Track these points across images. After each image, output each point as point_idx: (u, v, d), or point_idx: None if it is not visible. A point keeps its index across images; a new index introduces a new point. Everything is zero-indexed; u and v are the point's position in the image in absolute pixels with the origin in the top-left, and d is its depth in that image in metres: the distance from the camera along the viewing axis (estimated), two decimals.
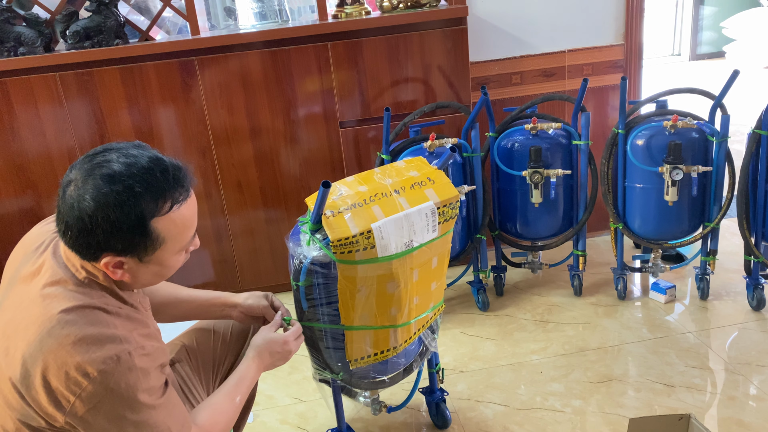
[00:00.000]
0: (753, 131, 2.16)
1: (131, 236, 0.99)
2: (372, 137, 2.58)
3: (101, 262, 1.01)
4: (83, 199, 0.96)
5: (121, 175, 0.97)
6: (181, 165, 1.05)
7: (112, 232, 0.97)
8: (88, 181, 0.97)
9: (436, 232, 1.42)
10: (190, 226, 1.08)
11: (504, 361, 2.13)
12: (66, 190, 0.99)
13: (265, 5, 2.91)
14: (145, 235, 1.00)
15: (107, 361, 0.95)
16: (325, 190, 1.28)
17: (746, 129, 2.24)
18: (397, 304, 1.43)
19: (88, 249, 1.00)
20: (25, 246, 1.15)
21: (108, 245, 0.99)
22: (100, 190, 0.96)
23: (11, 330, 1.01)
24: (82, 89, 2.39)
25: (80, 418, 0.97)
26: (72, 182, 0.99)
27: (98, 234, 0.97)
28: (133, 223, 0.98)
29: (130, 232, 0.98)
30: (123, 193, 0.96)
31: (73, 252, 1.02)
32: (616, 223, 2.38)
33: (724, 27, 6.98)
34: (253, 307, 1.46)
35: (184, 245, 1.08)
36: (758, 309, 2.29)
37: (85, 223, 0.97)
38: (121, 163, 0.98)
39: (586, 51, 2.76)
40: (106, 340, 0.97)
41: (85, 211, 0.96)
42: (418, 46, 2.48)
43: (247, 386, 1.28)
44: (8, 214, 2.51)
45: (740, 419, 1.75)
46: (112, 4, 2.42)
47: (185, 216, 1.05)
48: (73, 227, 0.98)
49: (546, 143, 2.30)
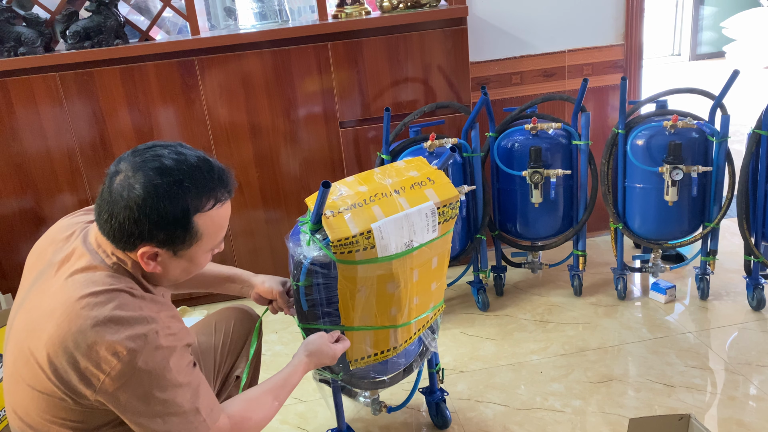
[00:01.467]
0: (753, 131, 2.16)
1: (174, 228, 1.03)
2: (372, 137, 2.58)
3: (138, 251, 1.04)
4: (133, 189, 1.01)
5: (171, 169, 1.03)
6: (225, 168, 1.12)
7: (157, 222, 1.02)
8: (139, 173, 1.02)
9: (436, 232, 1.42)
10: (225, 226, 1.13)
11: (504, 361, 2.13)
12: (114, 179, 1.03)
13: (265, 5, 2.91)
14: (187, 229, 1.04)
15: (135, 339, 0.98)
16: (325, 190, 1.28)
17: (746, 129, 2.24)
18: (397, 304, 1.43)
19: (130, 237, 1.03)
20: (52, 237, 1.18)
21: (150, 235, 1.03)
22: (151, 181, 1.01)
23: (39, 313, 1.04)
24: (82, 89, 2.39)
25: (110, 395, 0.99)
26: (121, 173, 1.03)
27: (144, 223, 1.01)
28: (178, 215, 1.02)
29: (173, 225, 1.03)
30: (174, 185, 1.02)
31: (110, 240, 1.06)
32: (616, 223, 2.38)
33: (724, 27, 6.98)
34: (270, 290, 1.50)
35: (215, 244, 1.13)
36: (758, 309, 2.29)
37: (132, 212, 1.01)
38: (172, 159, 1.04)
39: (586, 51, 2.76)
40: (133, 321, 1.00)
41: (135, 200, 1.00)
42: (418, 46, 2.48)
43: (291, 387, 1.29)
44: (8, 214, 2.51)
45: (740, 419, 1.75)
46: (112, 4, 2.42)
47: (223, 216, 1.11)
48: (119, 215, 1.02)
49: (546, 143, 2.30)
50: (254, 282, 1.51)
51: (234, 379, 1.54)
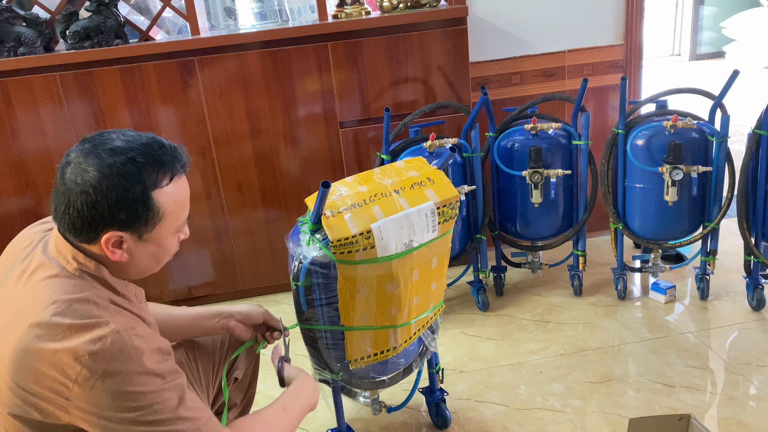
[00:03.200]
0: (753, 131, 2.16)
1: (134, 207, 1.01)
2: (372, 137, 2.58)
3: (102, 238, 1.01)
4: (87, 172, 0.99)
5: (123, 148, 1.01)
6: (177, 145, 1.09)
7: (117, 201, 0.99)
8: (90, 157, 1.00)
9: (435, 232, 1.42)
10: (186, 205, 1.10)
11: (504, 361, 2.13)
12: (65, 170, 1.01)
13: (265, 5, 2.91)
14: (147, 206, 1.02)
15: (96, 342, 0.95)
16: (325, 190, 1.28)
17: (746, 129, 2.24)
18: (397, 304, 1.43)
19: (91, 225, 1.01)
20: (13, 249, 1.15)
21: (111, 217, 1.00)
22: (104, 161, 0.99)
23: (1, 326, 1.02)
24: (82, 89, 2.39)
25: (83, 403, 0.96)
26: (71, 162, 1.01)
27: (103, 205, 0.99)
28: (137, 192, 1.00)
29: (133, 202, 1.00)
30: (127, 163, 1.00)
31: (71, 234, 1.03)
32: (616, 223, 2.38)
33: (724, 27, 6.98)
34: (252, 313, 1.46)
35: (179, 225, 1.10)
36: (758, 309, 2.29)
37: (89, 195, 0.99)
38: (121, 140, 1.02)
39: (586, 51, 2.76)
40: (94, 326, 0.97)
41: (90, 183, 0.99)
42: (418, 46, 2.48)
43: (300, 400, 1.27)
44: (8, 214, 2.51)
45: (740, 419, 1.75)
46: (112, 4, 2.42)
47: (181, 192, 1.08)
48: (76, 202, 0.99)
49: (546, 143, 2.30)
50: (231, 310, 1.44)
51: (233, 380, 1.53)
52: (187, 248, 2.63)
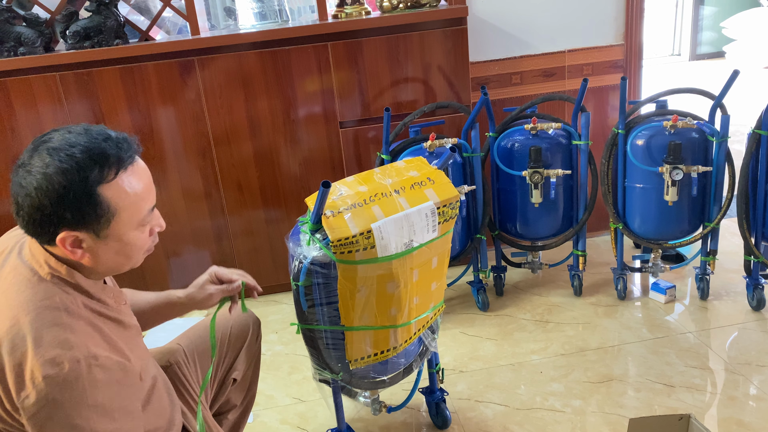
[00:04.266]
0: (753, 131, 2.16)
1: (78, 204, 0.97)
2: (372, 137, 2.58)
3: (58, 238, 0.98)
4: (29, 174, 0.96)
5: (62, 146, 0.97)
6: (126, 135, 1.04)
7: (58, 201, 0.96)
8: (34, 158, 0.97)
9: (436, 232, 1.42)
10: (144, 197, 1.04)
11: (504, 361, 2.13)
12: (16, 173, 0.99)
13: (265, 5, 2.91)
14: (94, 203, 0.97)
15: (54, 365, 0.93)
16: (325, 190, 1.28)
17: (746, 129, 2.24)
18: (397, 304, 1.43)
19: (42, 226, 0.98)
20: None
21: (59, 218, 0.97)
22: (44, 161, 0.96)
23: None
24: (82, 89, 2.39)
25: (32, 420, 0.93)
26: (19, 166, 0.99)
27: (46, 206, 0.96)
28: (78, 189, 0.96)
29: (76, 200, 0.96)
30: (65, 160, 0.96)
31: (33, 237, 1.01)
32: (616, 223, 2.39)
33: (724, 27, 6.98)
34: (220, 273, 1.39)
35: (140, 218, 1.05)
36: (758, 309, 2.29)
37: (33, 198, 0.96)
38: (63, 137, 0.99)
39: (586, 51, 2.76)
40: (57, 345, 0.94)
41: (32, 184, 0.96)
42: (418, 46, 2.48)
43: None
44: (8, 214, 2.51)
45: (740, 419, 1.75)
46: (112, 4, 2.42)
47: (135, 184, 1.02)
48: (23, 205, 0.97)
49: (546, 143, 2.30)
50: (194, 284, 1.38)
51: (231, 381, 1.52)
52: (187, 248, 2.63)
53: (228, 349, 1.50)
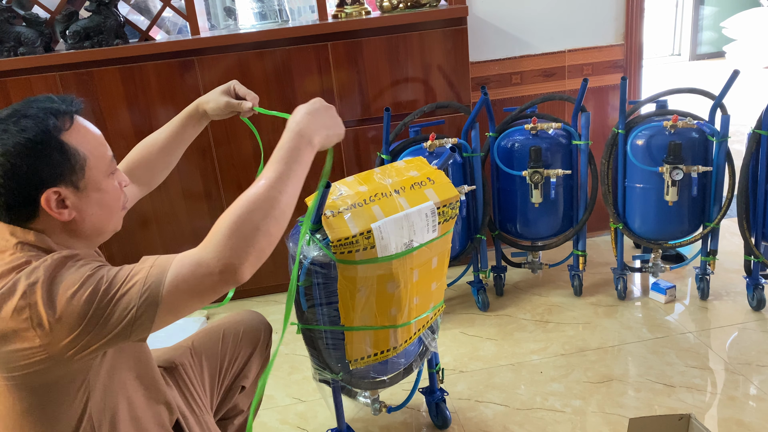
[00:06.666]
0: (753, 131, 2.16)
1: (50, 155, 0.98)
2: (372, 137, 2.58)
3: (41, 203, 0.98)
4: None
5: (12, 112, 1.00)
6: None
7: (30, 157, 0.97)
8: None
9: (436, 232, 1.42)
10: (102, 142, 1.07)
11: (504, 361, 2.13)
12: None
13: (265, 5, 2.92)
14: (64, 151, 0.99)
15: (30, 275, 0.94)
16: (325, 190, 1.28)
17: (746, 129, 2.24)
18: (397, 304, 1.43)
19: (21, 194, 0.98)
20: None
21: (35, 176, 0.98)
22: (3, 130, 0.97)
23: None
24: (82, 89, 2.39)
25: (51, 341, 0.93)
26: None
27: (20, 167, 0.96)
28: (45, 141, 0.98)
29: (47, 151, 0.98)
30: (21, 120, 0.98)
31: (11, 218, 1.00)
32: (616, 223, 2.38)
33: (724, 27, 6.98)
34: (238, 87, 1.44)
35: (107, 163, 1.07)
36: (758, 309, 2.29)
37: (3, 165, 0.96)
38: (9, 109, 1.01)
39: (586, 51, 2.76)
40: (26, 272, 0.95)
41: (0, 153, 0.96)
42: (418, 46, 2.48)
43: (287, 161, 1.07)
44: None
45: (740, 419, 1.75)
46: (112, 4, 2.42)
47: (90, 129, 1.06)
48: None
49: (546, 143, 2.30)
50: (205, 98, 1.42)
51: (240, 388, 1.50)
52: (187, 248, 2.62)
53: (238, 353, 1.48)
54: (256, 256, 0.99)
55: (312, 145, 1.10)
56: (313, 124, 1.11)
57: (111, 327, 0.93)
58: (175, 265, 0.95)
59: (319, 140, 1.11)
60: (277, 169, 1.05)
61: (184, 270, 0.95)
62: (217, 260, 0.94)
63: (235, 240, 0.96)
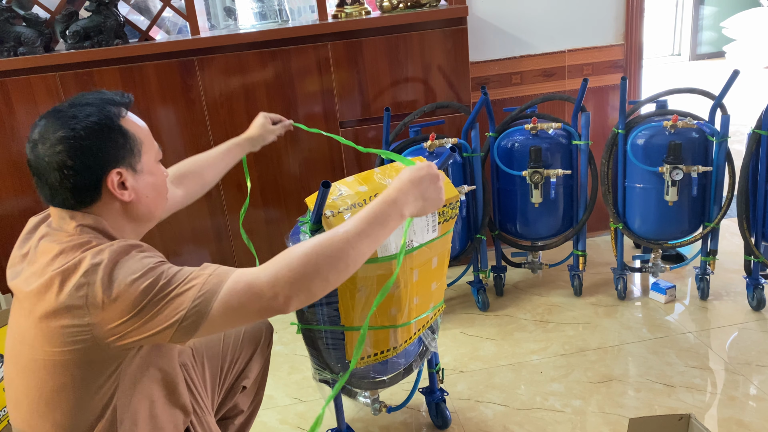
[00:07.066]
0: (753, 131, 2.16)
1: (114, 137, 1.06)
2: (372, 137, 2.58)
3: (106, 183, 1.06)
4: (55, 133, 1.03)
5: (73, 103, 1.08)
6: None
7: (97, 138, 1.04)
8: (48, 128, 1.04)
9: (436, 232, 1.42)
10: (149, 132, 1.17)
11: (504, 361, 2.13)
12: (36, 151, 1.05)
13: (265, 5, 2.92)
14: (124, 134, 1.08)
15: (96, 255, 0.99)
16: (325, 190, 1.28)
17: (746, 129, 2.24)
18: (397, 304, 1.43)
19: (88, 174, 1.04)
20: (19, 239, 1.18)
21: (103, 158, 1.05)
22: (64, 118, 1.05)
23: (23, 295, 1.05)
24: (82, 89, 2.39)
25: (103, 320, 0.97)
26: (36, 143, 1.05)
27: (89, 148, 1.04)
28: (108, 125, 1.06)
29: (110, 133, 1.06)
30: (85, 107, 1.07)
31: (74, 203, 1.06)
32: (616, 223, 2.38)
33: (724, 27, 6.98)
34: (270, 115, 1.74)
35: (156, 149, 1.17)
36: (758, 309, 2.29)
37: (76, 148, 1.03)
38: (68, 103, 1.09)
39: (586, 51, 2.76)
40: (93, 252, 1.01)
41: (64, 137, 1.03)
42: (418, 46, 2.48)
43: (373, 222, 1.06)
44: (8, 214, 2.51)
45: (740, 419, 1.75)
46: (112, 4, 2.42)
47: (139, 119, 1.15)
48: (64, 163, 1.03)
49: (546, 143, 2.30)
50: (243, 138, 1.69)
51: (240, 388, 1.50)
52: (186, 248, 2.63)
53: (239, 353, 1.49)
54: (306, 296, 1.01)
55: (402, 216, 1.11)
56: (411, 195, 1.11)
57: (157, 323, 0.97)
58: (231, 280, 0.99)
59: (411, 212, 1.12)
60: (359, 226, 1.05)
61: (238, 287, 0.98)
62: (270, 287, 0.97)
63: (294, 275, 0.98)
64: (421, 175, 1.12)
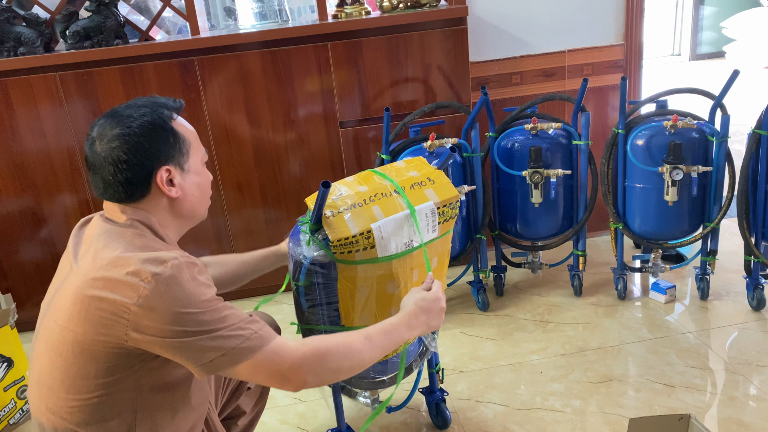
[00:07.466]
0: (753, 131, 2.16)
1: (166, 136, 1.14)
2: (372, 137, 2.58)
3: (156, 179, 1.12)
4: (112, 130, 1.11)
5: (129, 105, 1.16)
6: None
7: (151, 136, 1.12)
8: (105, 126, 1.12)
9: (436, 232, 1.42)
10: (197, 135, 1.24)
11: (504, 361, 2.13)
12: (93, 148, 1.12)
13: (265, 5, 2.92)
14: (176, 134, 1.15)
15: (158, 265, 1.03)
16: (325, 190, 1.27)
17: (746, 129, 2.24)
18: (398, 304, 1.43)
19: (140, 169, 1.11)
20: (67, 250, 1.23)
21: (154, 155, 1.12)
22: (121, 118, 1.12)
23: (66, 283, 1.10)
24: (82, 89, 2.39)
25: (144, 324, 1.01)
26: (95, 139, 1.12)
27: (142, 144, 1.11)
28: (161, 124, 1.14)
29: (163, 132, 1.13)
30: (141, 107, 1.15)
31: (124, 196, 1.13)
32: (616, 223, 2.38)
33: (724, 27, 6.98)
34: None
35: (203, 152, 1.23)
36: (758, 309, 2.29)
37: (131, 144, 1.10)
38: (122, 107, 1.17)
39: (586, 51, 2.76)
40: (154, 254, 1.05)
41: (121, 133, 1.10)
42: (418, 46, 2.48)
43: (388, 338, 1.21)
44: (8, 214, 2.51)
45: (740, 419, 1.75)
46: (112, 4, 2.42)
47: (187, 123, 1.22)
48: (119, 157, 1.10)
49: (546, 143, 2.30)
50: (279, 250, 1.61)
51: (245, 389, 1.51)
52: (186, 248, 2.61)
53: None
54: (320, 382, 1.13)
55: (411, 336, 1.26)
56: (423, 323, 1.28)
57: (190, 352, 1.03)
58: (269, 348, 1.07)
59: (418, 334, 1.28)
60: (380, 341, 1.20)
61: (270, 357, 1.07)
62: (294, 373, 1.08)
63: (315, 363, 1.10)
64: (431, 307, 1.29)
